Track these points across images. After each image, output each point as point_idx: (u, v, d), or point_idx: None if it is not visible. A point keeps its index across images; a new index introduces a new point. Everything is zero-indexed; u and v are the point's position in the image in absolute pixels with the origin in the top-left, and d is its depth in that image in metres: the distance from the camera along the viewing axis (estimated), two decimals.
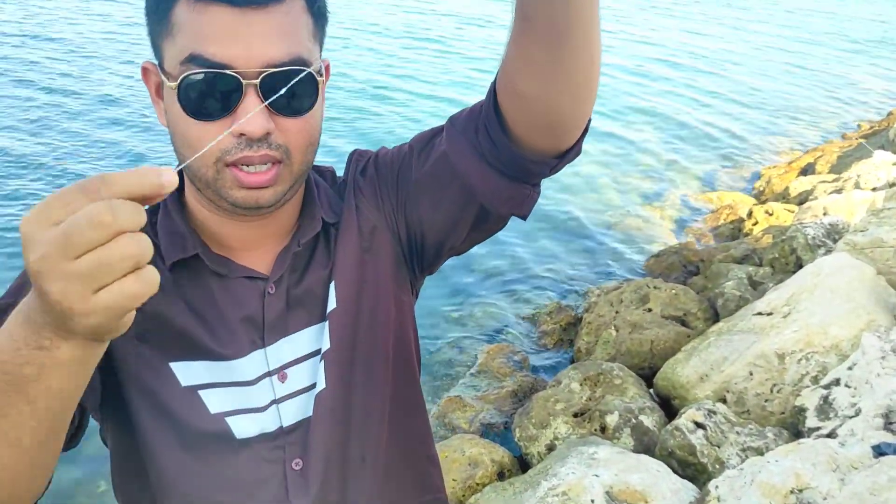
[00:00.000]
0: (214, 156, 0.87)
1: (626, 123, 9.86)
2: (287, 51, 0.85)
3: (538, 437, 3.43)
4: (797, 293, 3.49)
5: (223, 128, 0.84)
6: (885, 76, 14.41)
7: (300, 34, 0.87)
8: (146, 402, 0.95)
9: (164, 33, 0.87)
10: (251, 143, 0.86)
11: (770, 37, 17.67)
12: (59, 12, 12.61)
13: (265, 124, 0.85)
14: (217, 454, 0.96)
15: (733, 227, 6.69)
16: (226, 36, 0.82)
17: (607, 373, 3.67)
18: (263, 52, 0.83)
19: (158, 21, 0.87)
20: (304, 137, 0.90)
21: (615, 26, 16.91)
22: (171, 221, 0.99)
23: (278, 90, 0.83)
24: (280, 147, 0.88)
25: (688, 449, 2.87)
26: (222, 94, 0.84)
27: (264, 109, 0.84)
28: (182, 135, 0.87)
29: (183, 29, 0.84)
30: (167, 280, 0.96)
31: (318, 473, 0.99)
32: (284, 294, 1.00)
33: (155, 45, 0.90)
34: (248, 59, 0.83)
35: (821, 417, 2.75)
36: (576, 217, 7.02)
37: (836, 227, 4.79)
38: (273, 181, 0.89)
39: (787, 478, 2.23)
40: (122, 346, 0.94)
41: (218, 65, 0.83)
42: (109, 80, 9.40)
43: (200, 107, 0.84)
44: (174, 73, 0.85)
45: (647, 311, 4.47)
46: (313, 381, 1.00)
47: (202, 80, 0.83)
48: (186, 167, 0.89)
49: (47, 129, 7.68)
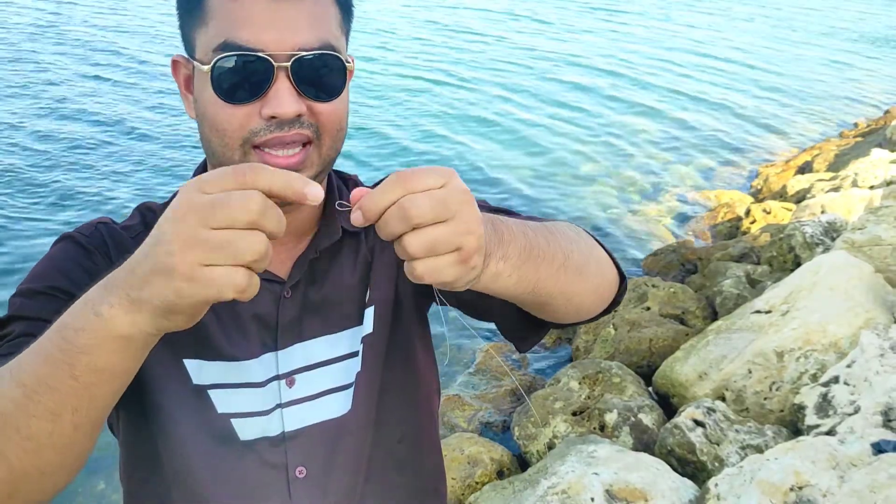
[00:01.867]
0: (242, 137, 0.88)
1: (624, 122, 9.86)
2: (317, 36, 0.87)
3: (537, 435, 3.43)
4: (796, 291, 3.50)
5: (254, 111, 0.86)
6: (882, 74, 14.42)
7: (329, 23, 0.90)
8: (158, 396, 0.96)
9: (196, 23, 0.89)
10: (282, 125, 0.87)
11: (767, 35, 17.68)
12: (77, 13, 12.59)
13: (296, 106, 0.86)
14: (222, 454, 0.96)
15: (731, 225, 6.69)
16: (258, 22, 0.84)
17: (606, 371, 3.67)
18: (294, 37, 0.85)
19: (191, 11, 0.90)
20: (334, 121, 0.91)
21: (613, 26, 16.92)
22: None
23: (308, 75, 0.85)
24: (312, 126, 0.89)
25: (687, 447, 2.87)
26: (254, 77, 0.85)
27: (294, 92, 0.86)
28: (212, 119, 0.88)
29: (216, 16, 0.86)
30: None
31: (322, 486, 0.99)
32: (300, 300, 1.01)
33: (187, 37, 0.92)
34: (280, 44, 0.85)
35: (820, 415, 2.76)
36: (573, 215, 7.02)
37: (834, 225, 4.79)
38: (301, 164, 0.90)
39: (787, 475, 2.23)
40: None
41: (250, 49, 0.84)
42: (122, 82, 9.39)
43: (232, 90, 0.86)
44: (206, 59, 0.87)
45: (646, 309, 4.47)
46: (320, 390, 1.01)
47: (234, 63, 0.85)
48: (212, 154, 0.91)
49: (48, 135, 7.67)
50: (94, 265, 0.94)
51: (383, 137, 8.46)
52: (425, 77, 11.08)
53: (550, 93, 10.85)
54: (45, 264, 0.95)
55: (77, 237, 0.98)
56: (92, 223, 1.01)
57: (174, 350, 0.96)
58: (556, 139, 9.00)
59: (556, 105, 10.31)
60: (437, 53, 12.65)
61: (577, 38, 15.01)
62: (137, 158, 7.23)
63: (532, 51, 13.47)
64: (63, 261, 0.95)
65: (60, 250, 0.97)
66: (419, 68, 11.54)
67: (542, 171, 8.00)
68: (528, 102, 10.34)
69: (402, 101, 9.85)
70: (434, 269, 0.66)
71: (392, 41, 13.06)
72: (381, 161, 7.77)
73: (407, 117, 9.25)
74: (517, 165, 8.11)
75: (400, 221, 0.65)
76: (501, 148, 8.57)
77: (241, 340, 0.98)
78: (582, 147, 8.81)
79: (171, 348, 0.95)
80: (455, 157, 8.14)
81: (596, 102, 10.60)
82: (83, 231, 0.99)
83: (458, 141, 8.64)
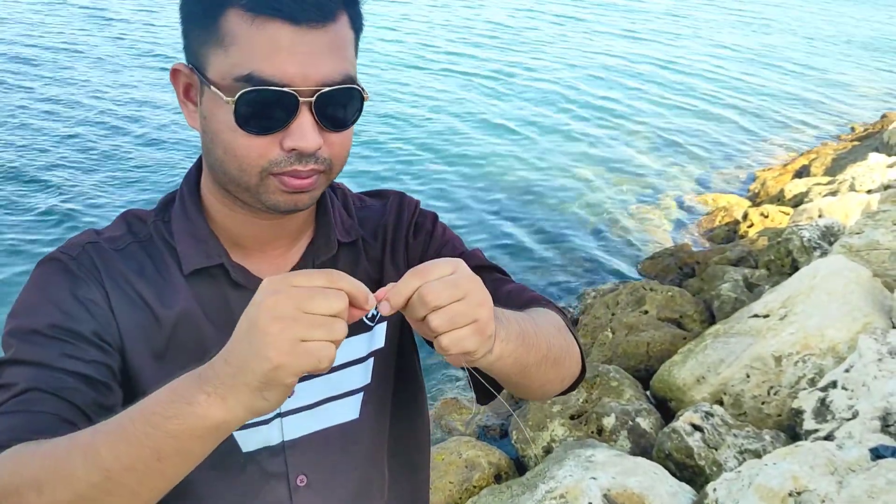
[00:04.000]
0: (261, 166, 0.88)
1: (621, 126, 9.87)
2: (339, 69, 0.87)
3: (535, 439, 3.43)
4: (793, 295, 3.50)
5: (274, 142, 0.87)
6: (878, 78, 14.46)
7: (349, 51, 0.90)
8: None
9: (211, 41, 0.86)
10: (301, 158, 0.88)
11: (764, 40, 17.72)
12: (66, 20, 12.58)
13: (318, 140, 0.87)
14: (225, 467, 0.96)
15: (729, 229, 6.70)
16: (284, 54, 0.84)
17: (604, 375, 3.67)
18: (318, 70, 0.85)
19: (205, 27, 0.87)
20: (345, 149, 0.93)
21: (609, 26, 16.95)
22: (192, 224, 0.98)
23: (329, 109, 0.88)
24: (326, 161, 0.90)
25: (685, 451, 2.86)
26: (278, 111, 0.85)
27: (316, 126, 0.87)
28: (228, 144, 0.88)
29: (238, 42, 0.84)
30: (184, 287, 0.96)
31: (323, 494, 1.00)
32: None
33: (193, 49, 0.89)
34: (305, 79, 0.85)
35: (818, 420, 2.75)
36: (571, 219, 7.03)
37: (832, 229, 4.80)
38: (311, 186, 0.92)
39: (785, 480, 2.23)
40: (140, 364, 0.94)
41: (276, 83, 0.84)
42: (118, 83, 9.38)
43: (255, 122, 0.86)
44: (225, 86, 0.85)
45: (643, 313, 4.47)
46: (320, 398, 1.01)
47: (259, 97, 0.84)
48: (223, 173, 0.92)
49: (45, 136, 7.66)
50: (87, 295, 0.92)
51: (375, 148, 8.46)
52: (419, 78, 11.08)
53: (547, 96, 10.86)
54: (37, 295, 0.92)
55: (66, 262, 0.94)
56: (79, 242, 0.97)
57: (173, 369, 0.95)
58: (554, 143, 9.01)
59: (552, 109, 10.32)
60: (433, 53, 12.65)
61: (573, 41, 15.03)
62: (121, 162, 7.22)
63: (530, 54, 13.48)
64: (56, 292, 0.92)
65: (50, 278, 0.93)
66: (414, 68, 11.55)
67: (540, 175, 8.00)
68: (524, 106, 10.35)
69: (400, 100, 9.85)
70: (457, 340, 0.76)
71: (385, 43, 13.07)
72: (373, 166, 7.77)
73: (403, 117, 9.25)
74: (515, 169, 8.11)
75: (422, 306, 0.76)
76: (499, 152, 8.57)
77: None
78: (580, 150, 8.82)
79: (170, 368, 0.94)
80: (451, 161, 8.14)
81: (593, 106, 10.62)
82: (70, 252, 0.95)
83: (454, 143, 8.64)
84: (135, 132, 7.83)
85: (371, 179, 7.24)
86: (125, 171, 6.99)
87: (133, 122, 8.09)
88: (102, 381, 0.88)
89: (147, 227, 1.00)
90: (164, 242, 0.98)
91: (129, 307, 0.94)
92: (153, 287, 0.96)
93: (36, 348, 0.87)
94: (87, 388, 0.86)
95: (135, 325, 0.94)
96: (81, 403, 0.85)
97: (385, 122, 9.09)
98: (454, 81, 11.18)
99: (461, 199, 7.17)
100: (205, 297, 0.97)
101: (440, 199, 7.02)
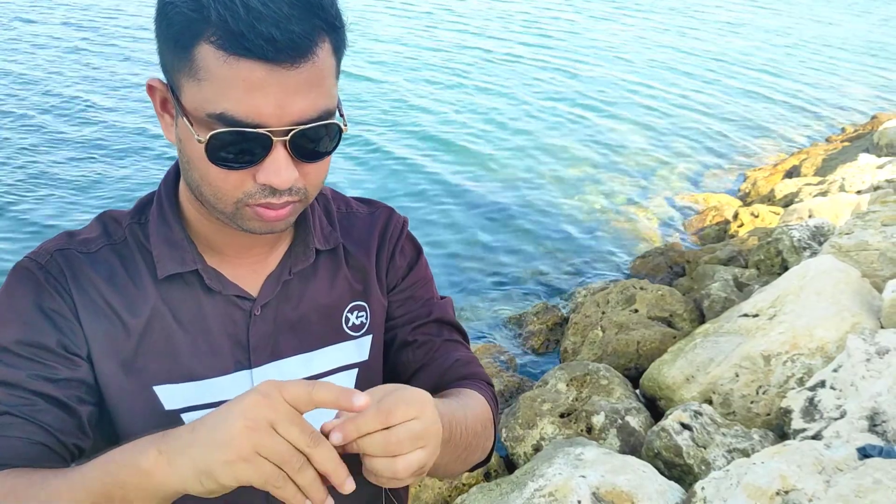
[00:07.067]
0: (235, 198, 0.87)
1: (612, 125, 9.89)
2: (315, 105, 0.84)
3: (524, 437, 3.43)
4: (783, 295, 3.51)
5: (248, 175, 0.86)
6: (868, 80, 14.53)
7: (328, 82, 0.86)
8: (130, 427, 0.95)
9: (183, 68, 0.83)
10: (275, 191, 0.87)
11: (755, 40, 17.78)
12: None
13: (292, 175, 0.86)
14: None
15: (719, 228, 6.72)
16: (257, 93, 0.80)
17: (594, 373, 3.67)
18: (294, 108, 0.82)
19: (177, 53, 0.84)
20: (320, 177, 0.92)
21: (607, 26, 16.97)
22: (168, 229, 0.97)
23: (305, 145, 0.86)
24: (301, 191, 0.89)
25: (674, 450, 2.87)
26: (251, 149, 0.84)
27: (290, 162, 0.85)
28: (203, 173, 0.87)
29: (210, 78, 0.81)
30: (154, 292, 0.96)
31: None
32: (272, 319, 1.01)
33: (169, 69, 0.87)
34: (279, 118, 0.82)
35: (806, 419, 2.76)
36: (562, 218, 7.03)
37: (822, 229, 4.82)
38: (287, 215, 0.91)
39: (773, 479, 2.24)
40: (107, 373, 0.94)
41: (250, 124, 0.82)
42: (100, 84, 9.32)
43: (228, 159, 0.84)
44: (198, 118, 0.83)
45: (634, 311, 4.48)
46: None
47: (231, 139, 0.83)
48: (200, 194, 0.91)
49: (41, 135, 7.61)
50: (52, 306, 0.92)
51: (366, 144, 8.45)
52: (415, 78, 11.07)
53: (537, 96, 10.86)
54: (3, 307, 0.92)
55: (34, 269, 0.93)
56: (49, 249, 0.96)
57: (143, 378, 0.95)
58: (545, 141, 9.01)
59: (542, 108, 10.33)
60: (430, 54, 12.64)
61: (565, 41, 15.04)
62: (103, 167, 7.19)
63: (518, 54, 13.48)
64: (22, 303, 0.91)
65: (16, 288, 0.93)
66: (406, 68, 11.53)
67: (530, 174, 8.01)
68: (514, 105, 10.35)
69: (399, 99, 9.84)
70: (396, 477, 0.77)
71: (380, 43, 13.05)
72: (366, 169, 7.76)
73: (400, 117, 9.24)
74: (505, 167, 8.11)
75: (382, 450, 0.76)
76: (489, 150, 8.57)
77: (213, 359, 0.98)
78: (570, 149, 8.83)
79: (139, 376, 0.95)
80: (444, 161, 8.13)
81: (583, 106, 10.62)
82: (39, 260, 0.94)
83: (445, 143, 8.63)
84: (114, 136, 7.79)
85: (365, 171, 7.23)
86: (105, 174, 6.94)
87: (112, 127, 8.05)
88: (72, 401, 0.90)
89: (122, 229, 0.99)
90: (138, 245, 0.98)
91: (95, 316, 0.93)
92: (122, 294, 0.95)
93: (4, 368, 0.88)
94: (58, 409, 0.88)
95: (102, 334, 0.93)
96: (52, 426, 0.87)
97: (376, 119, 9.07)
98: (441, 80, 11.17)
99: (448, 197, 7.16)
100: (177, 301, 0.97)
101: (427, 201, 7.01)
